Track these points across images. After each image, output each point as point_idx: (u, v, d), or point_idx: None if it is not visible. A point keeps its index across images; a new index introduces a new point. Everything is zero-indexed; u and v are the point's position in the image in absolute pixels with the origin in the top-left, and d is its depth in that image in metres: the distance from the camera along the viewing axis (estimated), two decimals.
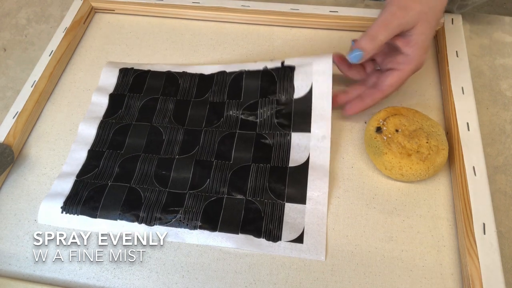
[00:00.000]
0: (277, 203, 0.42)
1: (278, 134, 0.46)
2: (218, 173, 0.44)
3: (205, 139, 0.47)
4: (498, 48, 0.54)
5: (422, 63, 0.42)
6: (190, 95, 0.51)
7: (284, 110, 0.48)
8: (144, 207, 0.43)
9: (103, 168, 0.46)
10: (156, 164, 0.46)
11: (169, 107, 0.51)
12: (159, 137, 0.48)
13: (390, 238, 0.40)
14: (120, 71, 0.54)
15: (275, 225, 0.41)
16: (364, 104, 0.44)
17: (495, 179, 0.44)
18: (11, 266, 0.41)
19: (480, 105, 0.49)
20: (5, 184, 0.46)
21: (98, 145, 0.48)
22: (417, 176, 0.41)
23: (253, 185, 0.43)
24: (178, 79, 0.53)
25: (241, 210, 0.42)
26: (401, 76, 0.42)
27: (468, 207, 0.39)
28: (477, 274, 0.36)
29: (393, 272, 0.38)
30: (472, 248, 0.37)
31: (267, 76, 0.50)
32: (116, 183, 0.45)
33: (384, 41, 0.40)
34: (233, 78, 0.51)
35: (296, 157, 0.45)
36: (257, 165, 0.45)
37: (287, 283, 0.38)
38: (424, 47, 0.41)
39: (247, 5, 0.56)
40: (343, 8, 0.54)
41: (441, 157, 0.41)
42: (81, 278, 0.40)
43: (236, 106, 0.49)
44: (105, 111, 0.51)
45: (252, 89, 0.50)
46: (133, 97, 0.52)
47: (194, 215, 0.42)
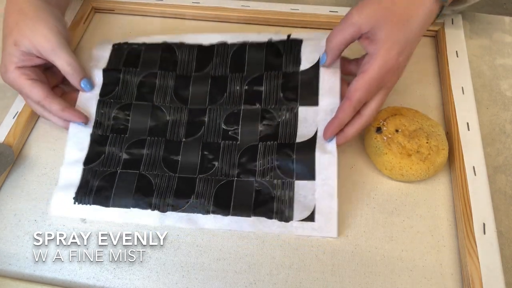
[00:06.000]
0: (287, 181, 0.42)
1: (285, 109, 0.45)
2: (226, 156, 0.44)
3: (211, 119, 0.46)
4: (498, 48, 0.54)
5: (392, 61, 0.38)
6: (190, 68, 0.50)
7: (290, 83, 0.46)
8: (156, 194, 0.43)
9: (109, 154, 0.45)
10: (163, 148, 0.45)
11: (169, 83, 0.49)
12: (163, 118, 0.47)
13: (390, 238, 0.40)
14: (113, 46, 0.52)
15: (286, 205, 0.41)
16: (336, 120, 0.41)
17: (495, 179, 0.44)
18: (11, 266, 0.41)
19: (480, 105, 0.49)
20: (5, 184, 0.46)
21: (101, 128, 0.47)
22: (417, 176, 0.41)
23: (261, 166, 0.43)
24: (175, 51, 0.51)
25: (252, 192, 0.42)
26: (365, 78, 0.38)
27: (468, 207, 0.39)
28: (477, 274, 0.36)
29: (393, 272, 0.38)
30: (472, 248, 0.37)
31: (272, 49, 0.48)
32: (125, 171, 0.44)
33: (340, 42, 0.40)
34: (235, 50, 0.50)
35: (304, 132, 0.44)
36: (264, 143, 0.44)
37: (287, 283, 0.38)
38: (390, 43, 0.37)
39: (247, 5, 0.56)
40: (343, 8, 0.54)
41: (441, 157, 0.41)
42: (81, 278, 0.40)
43: (240, 80, 0.48)
44: (101, 89, 0.49)
45: (256, 62, 0.48)
46: (129, 72, 0.49)
47: (206, 199, 0.42)
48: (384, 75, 0.39)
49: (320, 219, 0.40)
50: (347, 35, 0.40)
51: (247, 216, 0.41)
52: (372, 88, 0.39)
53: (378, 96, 0.40)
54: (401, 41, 0.38)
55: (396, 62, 0.38)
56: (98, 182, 0.44)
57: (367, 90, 0.39)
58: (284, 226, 0.40)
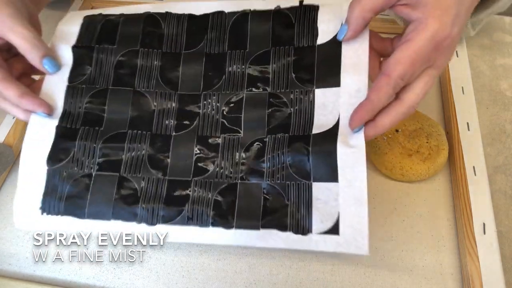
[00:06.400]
0: (303, 183, 0.34)
1: (298, 92, 0.37)
2: (227, 153, 0.37)
3: (206, 107, 0.38)
4: (498, 48, 0.54)
5: (445, 31, 0.30)
6: (179, 45, 0.41)
7: (304, 61, 0.37)
8: (142, 202, 0.36)
9: (80, 151, 0.37)
10: (148, 144, 0.38)
11: (153, 63, 0.40)
12: (147, 107, 0.39)
13: (390, 238, 0.40)
14: (84, 18, 0.42)
15: (303, 213, 0.34)
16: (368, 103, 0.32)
17: (495, 179, 0.44)
18: (11, 266, 0.41)
19: (480, 105, 0.49)
20: (5, 184, 0.46)
21: (69, 120, 0.38)
22: (417, 176, 0.41)
23: (270, 165, 0.35)
24: (161, 23, 0.41)
25: (260, 197, 0.35)
26: (411, 48, 0.30)
27: (468, 207, 0.39)
28: (477, 274, 0.36)
29: (393, 272, 0.38)
30: (472, 248, 0.37)
31: (281, 18, 0.39)
32: (101, 173, 0.37)
33: (368, 7, 0.32)
34: (234, 20, 0.40)
35: (322, 120, 0.35)
36: (273, 137, 0.36)
37: (287, 283, 0.38)
38: (442, 9, 0.30)
39: None
40: None
41: (441, 157, 0.41)
42: (81, 278, 0.40)
43: (241, 58, 0.39)
44: (70, 71, 0.40)
45: (261, 35, 0.39)
46: (103, 50, 0.40)
47: (204, 208, 0.35)
48: (435, 48, 0.30)
49: (347, 232, 0.32)
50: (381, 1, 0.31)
51: (255, 229, 0.34)
52: (418, 63, 0.31)
53: (423, 77, 0.32)
54: (453, 8, 0.30)
55: (450, 33, 0.30)
56: (68, 187, 0.37)
57: (412, 64, 0.30)
58: (302, 241, 0.33)
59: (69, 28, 0.42)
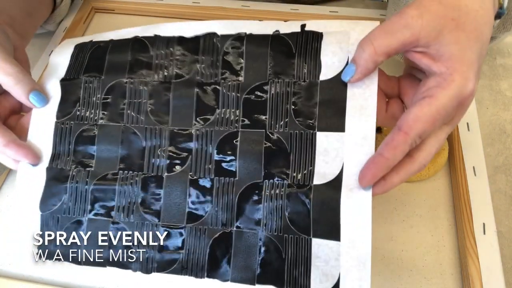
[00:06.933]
0: (301, 238, 0.32)
1: (297, 135, 0.33)
2: (221, 198, 0.34)
3: (198, 146, 0.35)
4: (498, 48, 0.54)
5: (469, 88, 0.28)
6: (169, 74, 0.38)
7: (305, 98, 0.34)
8: (137, 251, 0.35)
9: (72, 195, 0.36)
10: (140, 187, 0.36)
11: (142, 95, 0.37)
12: (137, 145, 0.36)
13: (390, 238, 0.40)
14: (76, 47, 0.41)
15: (301, 271, 0.32)
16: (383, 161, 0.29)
17: (495, 179, 0.44)
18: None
19: (480, 105, 0.49)
20: (5, 184, 0.46)
21: (59, 161, 0.37)
22: (417, 176, 0.41)
23: (267, 213, 0.33)
24: (149, 49, 0.38)
25: (255, 249, 0.33)
26: (434, 106, 0.27)
27: (468, 207, 0.39)
28: (477, 274, 0.36)
29: (393, 272, 0.38)
30: (472, 248, 0.37)
31: (280, 45, 0.35)
32: (95, 218, 0.36)
33: (382, 50, 0.29)
34: (228, 45, 0.37)
35: (324, 168, 0.32)
36: (271, 182, 0.33)
37: None
38: (467, 64, 0.27)
39: (247, 5, 0.56)
40: (343, 8, 0.54)
41: (441, 157, 0.41)
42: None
43: (236, 89, 0.36)
44: (58, 107, 0.38)
45: (257, 64, 0.36)
46: (91, 82, 0.38)
47: (199, 258, 0.34)
48: (458, 106, 0.28)
49: None
50: (397, 41, 0.28)
51: (250, 284, 0.33)
52: (438, 122, 0.28)
53: (439, 134, 0.30)
54: (476, 63, 0.28)
55: (473, 90, 0.28)
56: (63, 232, 0.36)
57: (433, 123, 0.28)
58: None
59: (59, 59, 0.41)
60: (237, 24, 0.37)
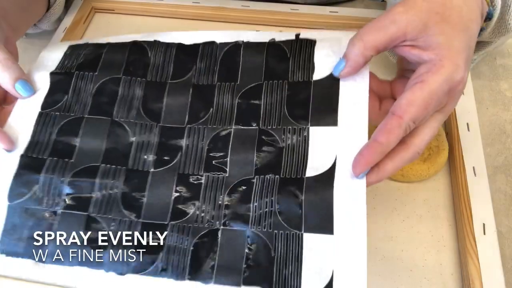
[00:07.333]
0: (292, 234, 0.31)
1: (291, 130, 0.34)
2: (210, 194, 0.33)
3: (190, 142, 0.35)
4: (498, 48, 0.54)
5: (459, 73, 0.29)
6: (165, 74, 0.38)
7: (299, 96, 0.35)
8: (111, 247, 0.32)
9: (45, 185, 0.34)
10: (123, 181, 0.34)
11: (136, 92, 0.37)
12: (124, 139, 0.36)
13: (390, 238, 0.40)
14: (70, 47, 0.41)
15: (292, 270, 0.30)
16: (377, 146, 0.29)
17: (495, 179, 0.44)
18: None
19: (480, 105, 0.49)
20: None
21: (36, 150, 0.35)
22: (417, 176, 0.41)
23: (257, 209, 0.32)
24: (147, 51, 0.39)
25: (243, 248, 0.31)
26: (426, 90, 0.28)
27: (468, 207, 0.39)
28: (477, 274, 0.36)
29: (393, 272, 0.38)
30: (472, 248, 0.37)
31: (275, 51, 0.37)
32: (68, 211, 0.33)
33: (371, 45, 0.30)
34: (226, 51, 0.38)
35: (317, 162, 0.32)
36: (262, 178, 0.33)
37: None
38: (455, 50, 0.29)
39: (247, 5, 0.56)
40: (343, 8, 0.54)
41: (441, 157, 0.41)
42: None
43: (231, 90, 0.36)
44: (44, 98, 0.37)
45: (253, 68, 0.37)
46: (83, 77, 0.38)
47: (181, 258, 0.31)
48: (449, 91, 0.29)
49: None
50: (385, 36, 0.30)
51: (236, 286, 0.30)
52: (431, 106, 0.29)
53: (431, 121, 0.31)
54: (464, 52, 0.29)
55: (463, 77, 0.29)
56: (30, 226, 0.33)
57: (426, 107, 0.28)
58: None
59: (51, 54, 0.40)
60: (235, 34, 0.39)
